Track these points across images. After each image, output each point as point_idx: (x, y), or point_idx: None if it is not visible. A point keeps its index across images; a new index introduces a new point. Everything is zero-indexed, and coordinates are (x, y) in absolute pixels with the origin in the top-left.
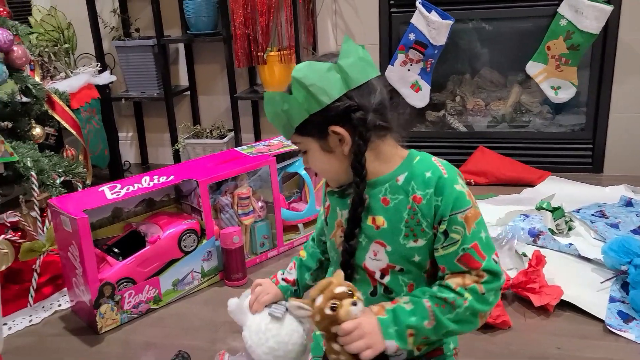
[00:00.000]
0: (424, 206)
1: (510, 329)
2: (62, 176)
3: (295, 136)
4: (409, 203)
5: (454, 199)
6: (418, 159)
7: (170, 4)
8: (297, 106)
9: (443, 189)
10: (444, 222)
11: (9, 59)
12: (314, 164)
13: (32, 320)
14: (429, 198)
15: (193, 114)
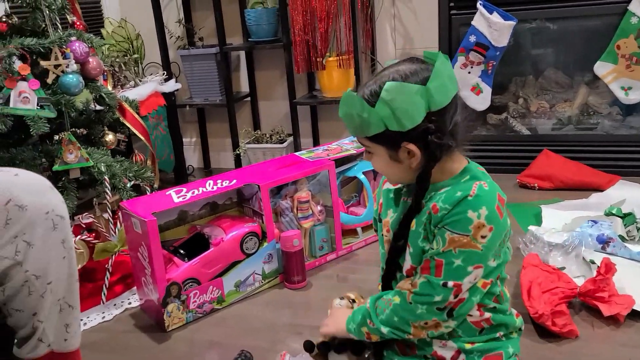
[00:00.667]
0: (436, 217)
1: (577, 338)
2: (132, 180)
3: (365, 140)
4: (428, 209)
5: (458, 218)
6: (467, 178)
7: (232, 13)
8: (376, 119)
9: (458, 205)
10: (437, 228)
11: (84, 70)
12: (377, 167)
13: (105, 317)
14: (445, 212)
15: (253, 119)
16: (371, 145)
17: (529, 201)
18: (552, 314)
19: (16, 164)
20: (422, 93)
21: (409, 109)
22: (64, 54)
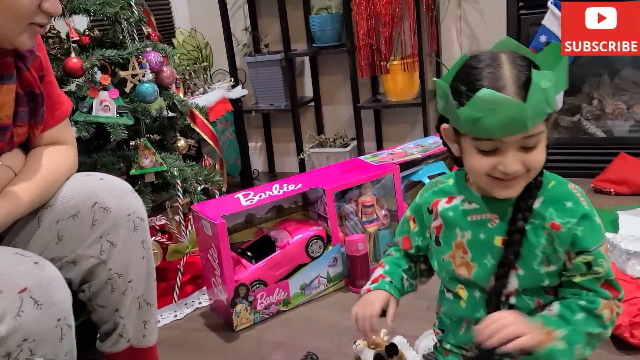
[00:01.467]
0: (563, 235)
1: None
2: (201, 184)
3: (541, 123)
4: (546, 229)
5: (597, 233)
6: (553, 184)
7: (297, 19)
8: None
9: (586, 221)
10: (588, 254)
11: (159, 79)
12: (539, 158)
13: (177, 315)
14: (570, 227)
15: (317, 124)
16: (542, 128)
17: (604, 207)
18: (630, 325)
19: (97, 169)
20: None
21: (565, 68)
22: (140, 64)
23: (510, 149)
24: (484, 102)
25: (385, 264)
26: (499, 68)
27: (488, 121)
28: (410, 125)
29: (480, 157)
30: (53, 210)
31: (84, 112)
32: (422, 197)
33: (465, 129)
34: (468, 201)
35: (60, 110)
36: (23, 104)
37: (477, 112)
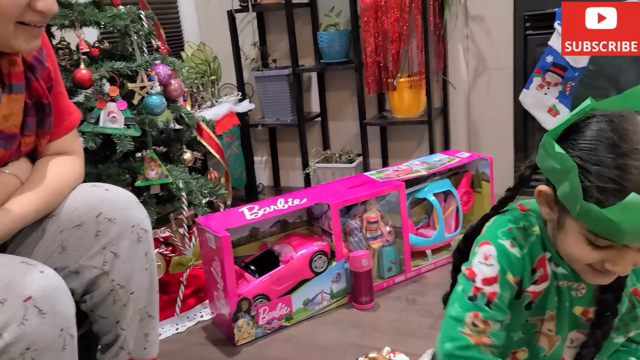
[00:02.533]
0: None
1: None
2: (207, 197)
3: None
4: (627, 295)
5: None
6: None
7: (305, 35)
8: None
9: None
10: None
11: (167, 92)
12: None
13: (179, 328)
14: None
15: (323, 139)
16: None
17: None
18: None
19: (103, 180)
20: None
21: None
22: (149, 77)
23: (630, 252)
24: (631, 210)
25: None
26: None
27: (626, 228)
28: (416, 143)
29: (587, 247)
30: (57, 219)
31: (91, 123)
32: (525, 249)
33: (587, 221)
34: (555, 262)
35: (68, 120)
36: (31, 113)
37: (619, 218)
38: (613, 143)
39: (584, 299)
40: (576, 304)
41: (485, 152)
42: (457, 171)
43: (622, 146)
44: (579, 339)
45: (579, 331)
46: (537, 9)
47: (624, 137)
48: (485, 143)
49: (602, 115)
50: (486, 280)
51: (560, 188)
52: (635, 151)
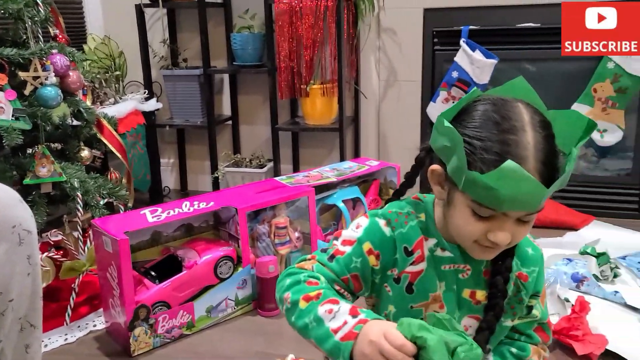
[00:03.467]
0: (530, 284)
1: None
2: (105, 198)
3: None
4: (512, 279)
5: (543, 277)
6: None
7: (218, 36)
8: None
9: (542, 267)
10: (536, 297)
11: (64, 84)
12: (528, 231)
13: (68, 339)
14: (535, 276)
15: (234, 143)
16: (544, 204)
17: None
18: None
19: None
20: None
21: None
22: (43, 66)
23: (509, 222)
24: (507, 176)
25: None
26: (521, 133)
27: (503, 195)
28: (327, 150)
29: (473, 220)
30: None
31: None
32: (397, 231)
33: (471, 191)
34: (441, 247)
35: None
36: None
37: (497, 184)
38: (496, 121)
39: (470, 281)
40: (464, 287)
41: (393, 161)
42: (366, 179)
43: (503, 124)
44: (473, 326)
45: (471, 316)
46: (446, 26)
47: (505, 117)
48: (394, 152)
49: (486, 99)
50: (344, 242)
51: (450, 164)
52: (514, 128)
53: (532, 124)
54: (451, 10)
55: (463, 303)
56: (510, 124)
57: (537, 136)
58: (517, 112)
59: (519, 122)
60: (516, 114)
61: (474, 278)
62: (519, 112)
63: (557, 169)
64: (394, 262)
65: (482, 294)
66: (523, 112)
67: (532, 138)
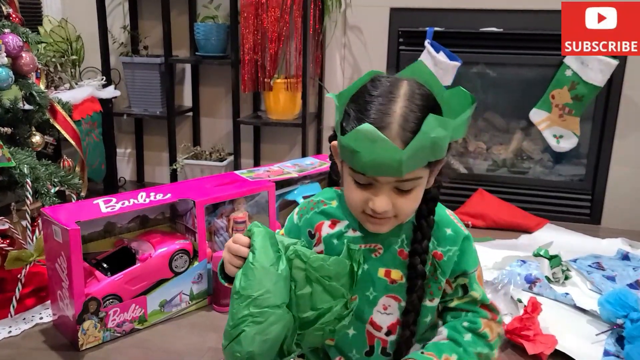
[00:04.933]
0: (445, 263)
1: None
2: (57, 186)
3: (421, 169)
4: (430, 259)
5: (474, 257)
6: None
7: (181, 25)
8: (450, 132)
9: (466, 247)
10: (465, 277)
11: (16, 65)
12: (411, 205)
13: (12, 331)
14: (451, 255)
15: (194, 135)
16: (421, 174)
17: None
18: None
19: None
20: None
21: (468, 119)
22: None
23: (384, 189)
24: (363, 137)
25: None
26: (391, 102)
27: (364, 157)
28: (289, 146)
29: (355, 188)
30: None
31: None
32: (303, 217)
33: (344, 157)
34: (353, 228)
35: None
36: None
37: (356, 145)
38: (369, 92)
39: (384, 260)
40: (378, 266)
41: None
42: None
43: (375, 94)
44: (392, 305)
45: (389, 296)
46: (411, 26)
47: (381, 88)
48: None
49: (376, 77)
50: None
51: (336, 124)
52: (384, 97)
53: (407, 95)
54: (417, 11)
55: (379, 282)
56: (381, 94)
57: (408, 106)
58: (397, 86)
59: (392, 94)
60: (395, 87)
61: (388, 257)
62: (399, 86)
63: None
64: (307, 245)
65: (397, 274)
66: (404, 86)
67: (401, 108)
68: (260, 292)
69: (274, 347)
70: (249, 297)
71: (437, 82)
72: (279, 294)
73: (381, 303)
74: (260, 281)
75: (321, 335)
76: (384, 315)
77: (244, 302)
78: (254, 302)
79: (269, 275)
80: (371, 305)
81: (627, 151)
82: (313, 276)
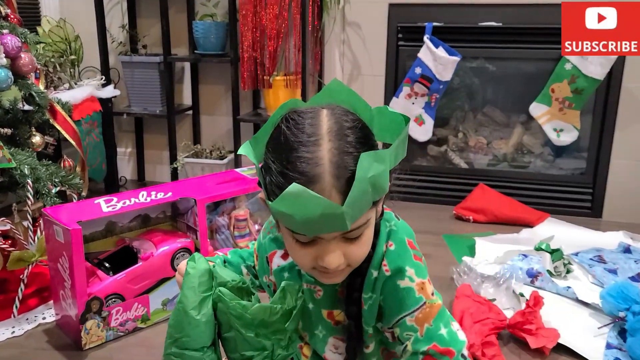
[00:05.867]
0: (366, 312)
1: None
2: (57, 186)
3: (367, 212)
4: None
5: (408, 297)
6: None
7: (179, 23)
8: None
9: (385, 287)
10: (397, 325)
11: (15, 66)
12: (363, 250)
13: (15, 332)
14: (372, 304)
15: (194, 134)
16: (368, 216)
17: (463, 233)
18: (482, 344)
19: None
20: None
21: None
22: None
23: (331, 244)
24: (293, 200)
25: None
26: (316, 147)
27: (300, 219)
28: None
29: (298, 247)
30: None
31: None
32: (261, 243)
33: (277, 217)
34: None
35: None
36: None
37: (287, 209)
38: (287, 140)
39: (325, 301)
40: (321, 307)
41: None
42: None
43: (294, 142)
44: (340, 347)
45: (336, 337)
46: (410, 22)
47: (298, 132)
48: None
49: (288, 115)
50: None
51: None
52: (307, 143)
53: (333, 132)
54: (416, 7)
55: (323, 323)
56: (301, 138)
57: (337, 147)
58: (319, 121)
59: (314, 136)
60: (314, 125)
61: (328, 298)
62: (319, 122)
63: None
64: (265, 270)
65: (339, 314)
66: (324, 120)
67: (329, 151)
68: (180, 335)
69: None
70: (172, 336)
71: (359, 99)
72: (198, 339)
73: (330, 343)
74: (182, 324)
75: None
76: (336, 355)
77: (169, 339)
78: (176, 342)
79: (187, 319)
80: (322, 343)
81: (627, 144)
82: (234, 325)
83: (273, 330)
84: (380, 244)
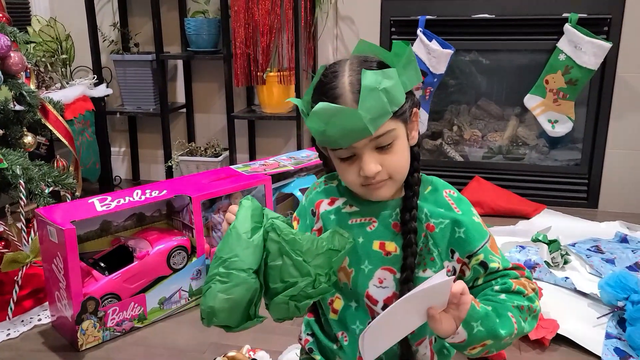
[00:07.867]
0: (437, 235)
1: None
2: (51, 186)
3: (390, 121)
4: (423, 231)
5: (479, 230)
6: (430, 190)
7: (171, 20)
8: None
9: (463, 222)
10: (477, 254)
11: (4, 65)
12: (399, 159)
13: (10, 334)
14: (443, 228)
15: (188, 132)
16: (395, 125)
17: None
18: None
19: None
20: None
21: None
22: None
23: (366, 153)
24: (320, 114)
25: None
26: (338, 78)
27: (331, 131)
28: (284, 139)
29: (344, 165)
30: None
31: None
32: (308, 198)
33: (319, 141)
34: (350, 204)
35: None
36: None
37: (318, 125)
38: (319, 82)
39: (379, 233)
40: (373, 239)
41: None
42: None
43: (325, 76)
44: (388, 278)
45: (384, 268)
46: (403, 15)
47: (330, 70)
48: None
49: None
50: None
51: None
52: (333, 75)
53: (351, 66)
54: (409, 0)
55: (374, 255)
56: (329, 76)
57: (354, 75)
58: (342, 63)
59: (338, 71)
60: (340, 65)
61: (382, 230)
62: (344, 63)
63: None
64: (310, 224)
65: (392, 246)
66: (347, 61)
67: (348, 77)
68: (229, 256)
69: (237, 307)
70: (220, 258)
71: (380, 49)
72: (247, 260)
73: (377, 276)
74: (232, 246)
75: (286, 308)
76: (379, 289)
77: (216, 262)
78: (223, 263)
79: (240, 242)
80: (366, 278)
81: (622, 134)
82: (284, 249)
83: (317, 263)
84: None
